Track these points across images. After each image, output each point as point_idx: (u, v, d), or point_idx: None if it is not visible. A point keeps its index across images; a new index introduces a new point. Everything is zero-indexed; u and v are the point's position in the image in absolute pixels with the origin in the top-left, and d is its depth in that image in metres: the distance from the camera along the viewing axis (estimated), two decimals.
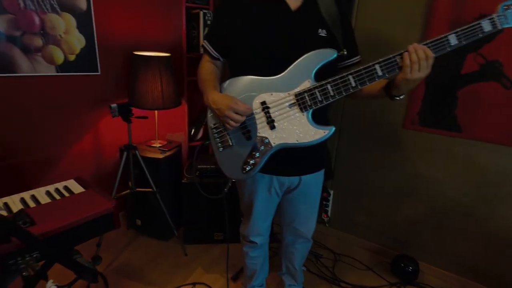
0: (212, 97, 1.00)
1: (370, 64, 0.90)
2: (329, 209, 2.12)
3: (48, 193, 0.96)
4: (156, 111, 1.94)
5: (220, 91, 1.04)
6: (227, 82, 1.04)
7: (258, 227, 1.32)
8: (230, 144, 1.05)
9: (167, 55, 1.83)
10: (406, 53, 0.85)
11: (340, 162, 2.01)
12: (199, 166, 1.90)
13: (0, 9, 1.40)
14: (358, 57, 1.11)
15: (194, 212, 1.95)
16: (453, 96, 1.58)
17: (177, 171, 2.04)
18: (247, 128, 1.01)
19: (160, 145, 2.01)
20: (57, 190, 0.98)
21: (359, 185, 1.99)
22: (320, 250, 2.02)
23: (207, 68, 1.12)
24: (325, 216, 2.13)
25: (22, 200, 0.92)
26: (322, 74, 0.95)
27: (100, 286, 1.59)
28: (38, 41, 1.55)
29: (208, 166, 1.90)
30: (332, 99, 0.95)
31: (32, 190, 0.97)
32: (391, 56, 0.89)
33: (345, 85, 0.93)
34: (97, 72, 1.82)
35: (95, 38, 1.76)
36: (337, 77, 0.93)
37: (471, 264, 1.72)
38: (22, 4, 1.46)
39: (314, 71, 0.95)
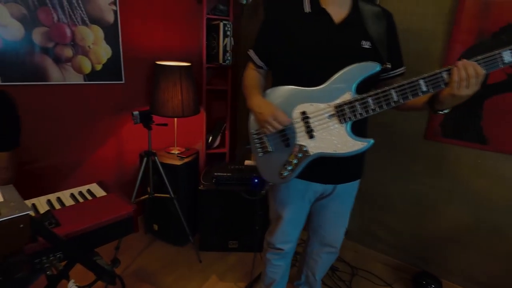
0: (257, 102, 1.05)
1: (414, 79, 0.90)
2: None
3: (72, 195, 1.01)
4: (175, 119, 1.99)
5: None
6: (269, 90, 1.09)
7: (287, 234, 1.31)
8: (270, 150, 1.09)
9: (188, 65, 1.89)
10: (455, 68, 0.83)
11: None
12: (215, 174, 1.92)
13: (36, 22, 1.51)
14: (402, 68, 1.11)
15: (209, 219, 1.96)
16: (478, 106, 1.52)
17: (194, 178, 2.07)
18: (286, 136, 1.05)
19: (178, 152, 2.05)
20: (80, 193, 1.03)
21: (378, 197, 1.93)
22: (336, 262, 1.96)
23: (252, 75, 1.17)
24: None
25: (49, 202, 0.96)
26: (364, 84, 0.97)
27: None
28: (69, 52, 1.65)
29: (225, 174, 1.92)
30: (372, 112, 0.96)
31: (58, 193, 1.02)
32: (437, 71, 0.88)
33: (386, 99, 0.94)
34: (122, 81, 1.90)
35: (121, 49, 1.85)
36: (379, 91, 0.94)
37: (498, 284, 1.62)
38: (56, 18, 1.57)
39: (355, 84, 0.97)
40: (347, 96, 0.98)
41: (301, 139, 1.03)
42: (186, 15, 2.14)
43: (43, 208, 0.91)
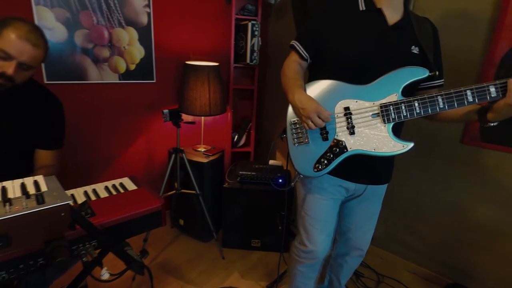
0: (299, 96, 1.03)
1: (462, 88, 0.92)
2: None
3: (106, 188, 1.06)
4: (202, 117, 2.04)
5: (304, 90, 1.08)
6: (312, 82, 1.07)
7: (318, 233, 1.23)
8: (307, 141, 1.08)
9: (216, 65, 1.93)
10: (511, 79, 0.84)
11: None
12: (240, 172, 1.95)
13: (78, 25, 1.62)
14: (441, 80, 1.09)
15: (233, 217, 1.99)
16: None
17: (219, 175, 2.11)
18: (326, 130, 1.04)
19: (204, 149, 2.10)
20: (114, 186, 1.08)
21: (408, 202, 1.85)
22: (361, 268, 1.91)
23: (294, 67, 1.13)
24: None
25: (85, 193, 1.03)
26: (407, 89, 0.97)
27: (144, 278, 1.70)
28: (106, 52, 1.75)
29: (249, 173, 1.94)
30: (416, 115, 0.97)
31: (93, 185, 1.08)
32: (485, 84, 0.89)
33: (432, 104, 0.95)
34: (153, 80, 1.98)
35: (153, 49, 1.92)
36: (425, 96, 0.95)
37: None
38: (95, 21, 1.67)
39: (403, 86, 0.97)
40: (394, 97, 0.98)
41: (341, 134, 1.03)
42: (215, 15, 2.18)
43: (80, 198, 0.98)
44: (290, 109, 1.11)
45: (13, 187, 0.71)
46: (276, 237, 1.97)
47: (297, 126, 1.10)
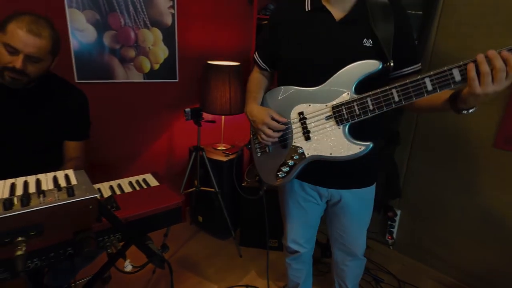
0: (250, 108, 1.08)
1: (419, 77, 0.80)
2: (395, 230, 1.94)
3: (130, 183, 1.11)
4: (223, 116, 2.07)
5: (262, 100, 1.11)
6: (270, 91, 1.10)
7: (297, 236, 1.30)
8: (267, 150, 1.10)
9: (237, 64, 1.94)
10: (472, 64, 0.72)
11: (410, 180, 1.83)
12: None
13: (107, 26, 1.69)
14: (417, 65, 1.00)
15: (250, 216, 2.00)
16: None
17: (238, 174, 2.13)
18: (284, 137, 1.03)
19: (224, 148, 2.13)
20: (137, 181, 1.12)
21: (432, 208, 1.78)
22: (381, 274, 1.86)
23: (254, 78, 1.19)
24: (389, 237, 1.96)
25: (111, 188, 1.07)
26: (370, 84, 0.90)
27: (164, 272, 1.75)
28: (132, 53, 1.81)
29: None
30: (371, 113, 0.89)
31: (118, 180, 1.12)
32: (445, 68, 0.77)
33: (386, 100, 0.86)
34: (176, 79, 2.03)
35: (176, 49, 1.97)
36: (378, 90, 0.86)
37: None
38: (122, 22, 1.73)
39: (355, 84, 0.91)
40: (345, 97, 0.92)
41: (298, 140, 1.01)
42: (237, 15, 2.20)
43: (106, 192, 1.02)
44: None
45: (46, 180, 0.75)
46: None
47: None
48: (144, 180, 1.12)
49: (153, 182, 1.11)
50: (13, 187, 0.72)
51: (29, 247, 0.62)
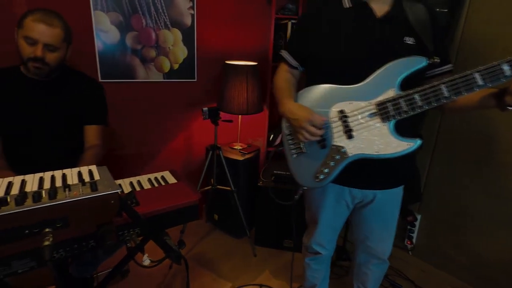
0: (289, 106, 1.02)
1: (468, 72, 0.80)
2: (414, 235, 1.88)
3: (149, 180, 1.14)
4: (240, 116, 2.08)
5: (296, 99, 1.06)
6: (303, 90, 1.05)
7: (324, 238, 1.28)
8: (304, 151, 1.05)
9: (254, 64, 1.95)
10: None
11: (431, 184, 1.77)
12: (274, 171, 1.95)
13: (129, 27, 1.74)
14: (449, 65, 0.99)
15: (266, 216, 2.00)
16: None
17: (254, 173, 2.13)
18: (322, 137, 0.99)
19: (240, 147, 2.14)
20: (156, 178, 1.15)
21: (454, 213, 1.71)
22: (399, 279, 1.81)
23: (284, 77, 1.14)
24: (408, 242, 1.90)
25: (131, 184, 1.11)
26: (408, 84, 0.89)
27: (180, 268, 1.79)
28: (153, 53, 1.86)
29: (284, 172, 1.93)
30: (419, 109, 0.87)
31: (138, 176, 1.16)
32: (495, 63, 0.77)
33: (436, 95, 0.85)
34: (194, 79, 2.07)
35: (195, 49, 2.00)
36: (426, 86, 0.86)
37: None
38: (144, 23, 1.78)
39: (399, 80, 0.90)
40: (391, 93, 0.90)
41: (339, 139, 0.98)
42: (255, 15, 2.21)
43: (126, 188, 1.06)
44: (283, 121, 1.09)
45: (71, 174, 0.79)
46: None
47: (293, 137, 1.06)
48: (162, 177, 1.15)
49: (171, 179, 1.14)
50: (41, 180, 0.75)
51: (55, 238, 0.65)
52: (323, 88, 1.00)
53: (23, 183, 0.74)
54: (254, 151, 2.12)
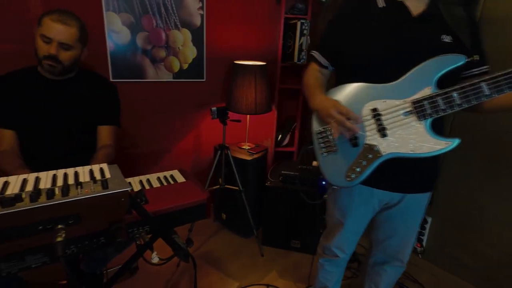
0: (320, 98, 1.02)
1: (510, 70, 0.79)
2: (425, 238, 1.85)
3: (158, 179, 1.15)
4: (248, 116, 2.08)
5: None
6: (334, 88, 1.04)
7: (345, 241, 1.26)
8: (335, 149, 1.03)
9: (263, 64, 1.95)
10: None
11: (443, 186, 1.73)
12: (282, 172, 1.94)
13: (140, 28, 1.77)
14: (486, 66, 0.97)
15: (273, 216, 2.00)
16: None
17: (262, 173, 2.13)
18: (354, 135, 0.98)
19: (249, 147, 2.14)
20: (165, 177, 1.17)
21: (466, 216, 1.67)
22: (408, 283, 1.78)
23: (314, 75, 1.13)
24: (418, 245, 1.87)
25: (140, 182, 1.12)
26: (443, 84, 0.88)
27: (188, 266, 1.80)
28: (163, 53, 1.88)
29: (292, 173, 1.93)
30: (457, 108, 0.86)
31: (147, 175, 1.18)
32: None
33: (476, 93, 0.84)
34: (203, 79, 2.08)
35: (204, 49, 2.02)
36: (466, 84, 0.84)
37: None
38: (155, 23, 1.80)
39: (436, 78, 0.88)
40: (427, 91, 0.89)
41: (372, 138, 0.96)
42: (264, 15, 2.21)
43: (136, 186, 1.07)
44: (314, 119, 1.08)
45: (83, 172, 0.81)
46: (317, 239, 1.93)
47: (323, 135, 1.05)
48: (171, 176, 1.16)
49: (180, 178, 1.15)
50: (54, 178, 0.77)
51: (68, 235, 0.66)
52: (355, 86, 0.99)
53: (37, 180, 0.76)
54: (262, 151, 2.12)
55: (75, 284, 1.12)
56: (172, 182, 1.12)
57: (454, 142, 0.88)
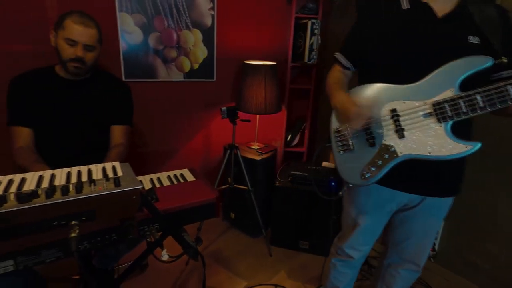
0: (341, 98, 1.03)
1: None
2: (437, 241, 1.81)
3: (168, 177, 1.17)
4: (258, 116, 2.08)
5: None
6: (355, 88, 1.05)
7: (360, 243, 1.25)
8: (352, 148, 1.04)
9: (273, 64, 1.95)
10: None
11: None
12: (292, 172, 1.94)
13: (152, 28, 1.79)
14: None
15: (282, 216, 1.99)
16: None
17: (271, 174, 2.13)
18: (372, 134, 0.99)
19: (258, 147, 2.14)
20: (175, 176, 1.18)
21: (481, 220, 1.63)
22: (420, 287, 1.74)
23: (336, 75, 1.16)
24: (430, 249, 1.83)
25: (151, 180, 1.14)
26: (469, 86, 0.86)
27: (196, 265, 1.82)
28: (174, 53, 1.90)
29: (301, 173, 1.92)
30: (480, 111, 0.84)
31: (158, 174, 1.19)
32: None
33: (501, 96, 0.81)
34: (213, 79, 2.09)
35: (215, 49, 2.03)
36: (490, 87, 0.82)
37: None
38: (166, 24, 1.83)
39: (459, 80, 0.87)
40: (449, 93, 0.87)
41: (389, 138, 0.96)
42: (275, 15, 2.20)
43: (146, 185, 1.09)
44: (333, 116, 1.10)
45: (96, 170, 0.82)
46: (326, 241, 1.92)
47: (341, 133, 1.06)
48: (181, 174, 1.17)
49: (190, 177, 1.16)
50: (69, 175, 0.79)
51: (81, 231, 0.68)
52: (375, 86, 0.99)
53: (53, 177, 0.78)
54: (272, 151, 2.12)
55: (88, 279, 1.15)
56: (182, 181, 1.13)
57: (475, 146, 0.86)
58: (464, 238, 1.71)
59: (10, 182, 0.74)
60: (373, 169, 0.98)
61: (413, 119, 0.92)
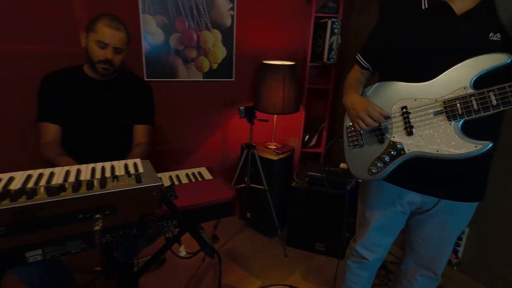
0: (351, 97, 1.06)
1: None
2: (461, 249, 1.74)
3: (187, 175, 1.19)
4: (275, 116, 2.08)
5: (362, 95, 1.09)
6: (370, 86, 1.08)
7: (373, 242, 1.23)
8: (361, 144, 1.07)
9: (292, 64, 1.94)
10: None
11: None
12: (309, 173, 1.92)
13: (173, 29, 1.83)
14: None
15: (298, 217, 1.98)
16: None
17: (287, 174, 2.12)
18: (381, 131, 1.01)
19: (275, 147, 2.14)
20: (193, 174, 1.20)
21: (508, 227, 1.54)
22: None
23: (354, 75, 1.18)
24: (453, 257, 1.76)
25: (170, 178, 1.17)
26: (486, 84, 0.83)
27: (212, 262, 1.84)
28: (194, 53, 1.94)
29: (318, 174, 1.90)
30: (493, 109, 0.81)
31: (177, 171, 1.22)
32: None
33: None
34: (232, 78, 2.11)
35: (234, 49, 2.04)
36: (505, 84, 0.79)
37: None
38: (187, 25, 1.86)
39: (474, 78, 0.84)
40: (461, 91, 0.85)
41: (398, 135, 0.97)
42: (294, 15, 2.19)
43: (166, 182, 1.12)
44: (347, 112, 1.11)
45: (119, 166, 0.85)
46: (342, 243, 1.89)
47: (352, 129, 1.09)
48: (199, 173, 1.19)
49: (207, 175, 1.18)
50: (93, 170, 0.83)
51: (104, 224, 0.71)
52: (389, 84, 1.01)
53: (79, 172, 0.82)
54: (289, 151, 2.11)
55: (109, 271, 1.19)
56: (199, 179, 1.15)
57: (485, 146, 0.82)
58: (489, 246, 1.62)
59: (40, 176, 0.78)
60: (380, 165, 1.00)
61: (423, 116, 0.92)
